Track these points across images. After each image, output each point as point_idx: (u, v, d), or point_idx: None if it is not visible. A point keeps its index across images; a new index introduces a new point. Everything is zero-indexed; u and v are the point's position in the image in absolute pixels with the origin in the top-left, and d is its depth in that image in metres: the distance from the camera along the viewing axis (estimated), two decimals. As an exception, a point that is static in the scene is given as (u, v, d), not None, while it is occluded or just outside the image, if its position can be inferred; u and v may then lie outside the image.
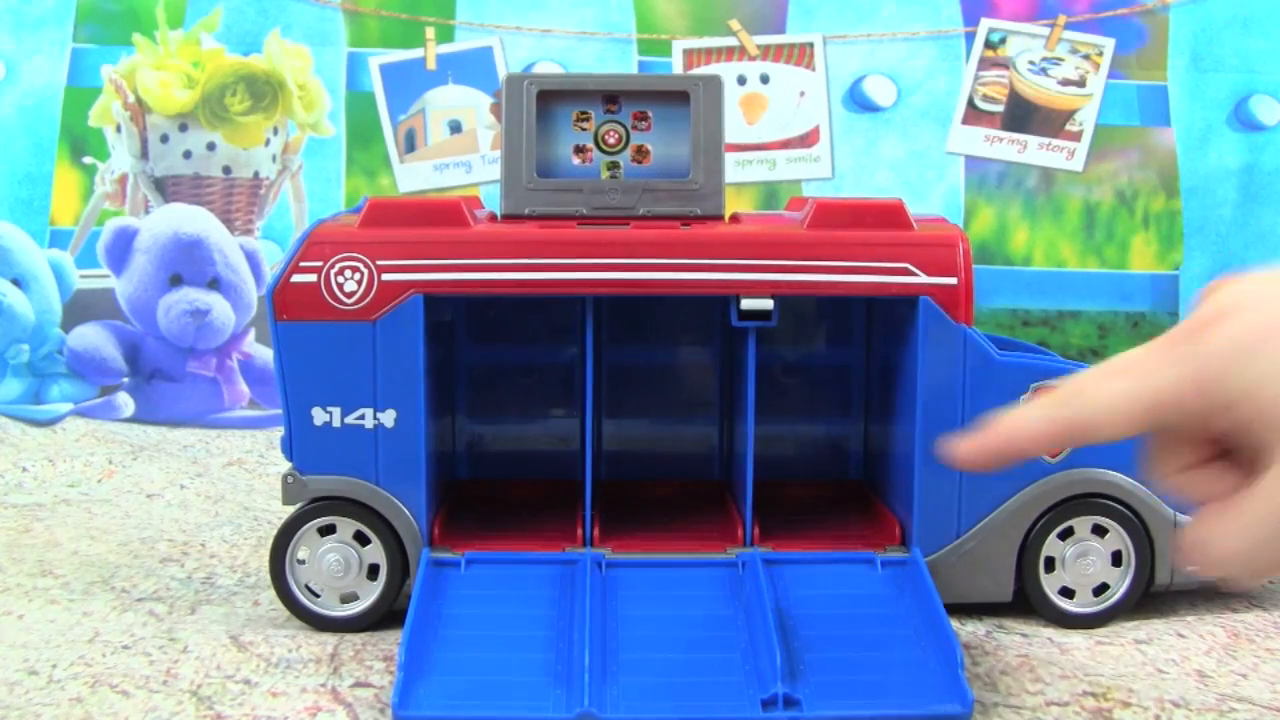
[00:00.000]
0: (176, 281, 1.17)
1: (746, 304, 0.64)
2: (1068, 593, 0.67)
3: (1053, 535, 0.67)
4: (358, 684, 0.58)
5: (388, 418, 0.64)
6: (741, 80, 1.21)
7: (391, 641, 0.63)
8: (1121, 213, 1.21)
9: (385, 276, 0.63)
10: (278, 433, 0.67)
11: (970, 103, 1.21)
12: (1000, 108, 1.21)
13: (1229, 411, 0.40)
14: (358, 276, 0.63)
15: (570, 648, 0.56)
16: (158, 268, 1.17)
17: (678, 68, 1.20)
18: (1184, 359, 0.41)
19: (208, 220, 1.18)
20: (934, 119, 1.21)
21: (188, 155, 1.20)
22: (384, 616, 0.65)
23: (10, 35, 1.19)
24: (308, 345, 0.64)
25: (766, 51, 1.21)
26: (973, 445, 0.48)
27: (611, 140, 0.69)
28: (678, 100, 0.69)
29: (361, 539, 0.65)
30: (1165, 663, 0.62)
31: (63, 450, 1.07)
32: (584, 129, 0.69)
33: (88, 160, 1.20)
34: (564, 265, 0.64)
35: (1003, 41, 1.21)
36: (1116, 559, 0.67)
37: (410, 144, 1.21)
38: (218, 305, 1.17)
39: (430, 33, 1.20)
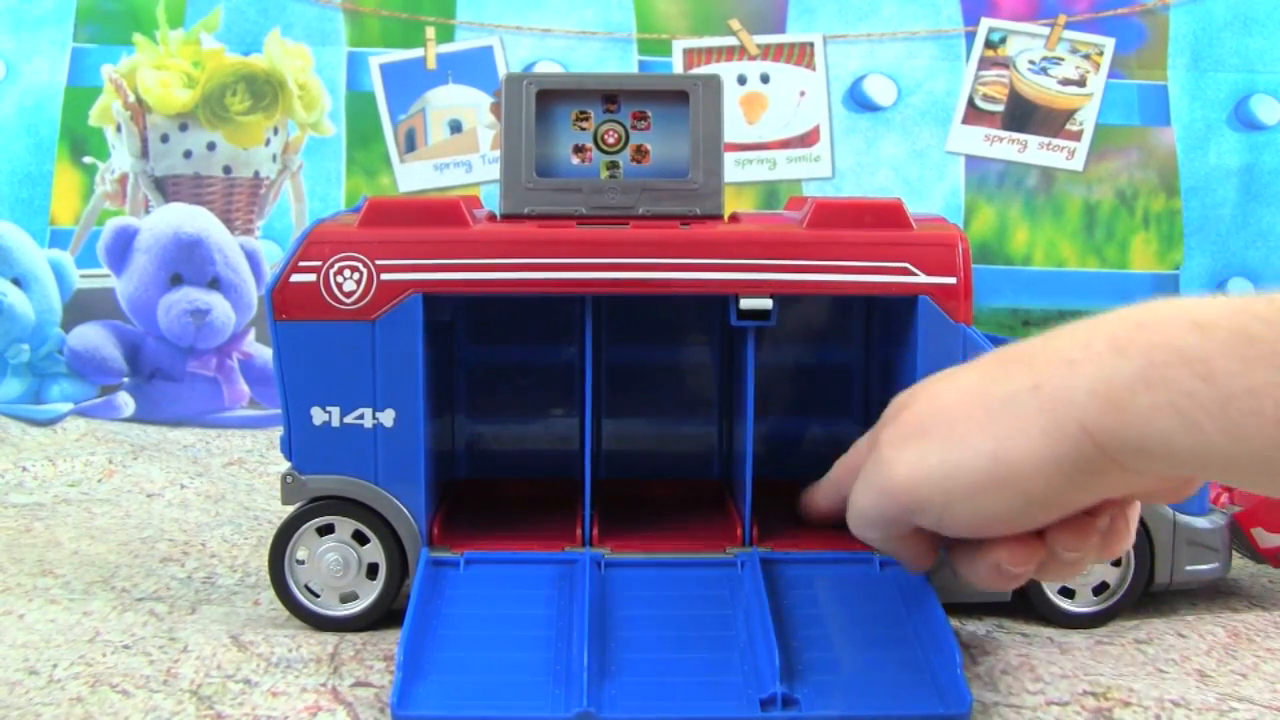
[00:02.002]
0: (177, 281, 1.18)
1: (746, 303, 0.64)
2: (1067, 592, 0.67)
3: (1052, 535, 0.66)
4: (358, 683, 0.58)
5: (387, 417, 0.64)
6: (742, 80, 1.21)
7: (391, 641, 0.63)
8: (1121, 212, 1.21)
9: (384, 276, 0.63)
10: (278, 432, 0.67)
11: (970, 102, 1.21)
12: (1000, 107, 1.21)
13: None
14: (357, 276, 0.63)
15: (569, 647, 0.56)
16: (158, 267, 1.17)
17: (678, 67, 1.20)
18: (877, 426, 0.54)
19: (208, 220, 1.18)
20: (934, 118, 1.21)
21: (188, 155, 1.20)
22: (383, 616, 0.65)
23: (10, 35, 1.19)
24: (307, 345, 0.64)
25: (766, 51, 1.21)
26: (801, 508, 0.67)
27: (611, 140, 0.69)
28: (677, 100, 0.69)
29: (360, 538, 0.65)
30: (1165, 662, 0.62)
31: (63, 450, 1.07)
32: (583, 129, 0.69)
33: (88, 160, 1.20)
34: (563, 265, 0.64)
35: (1003, 41, 1.21)
36: (1116, 558, 0.67)
37: (410, 144, 1.21)
38: (218, 305, 1.18)
39: (430, 32, 1.20)
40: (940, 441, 0.48)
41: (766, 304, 0.64)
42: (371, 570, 0.66)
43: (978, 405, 0.47)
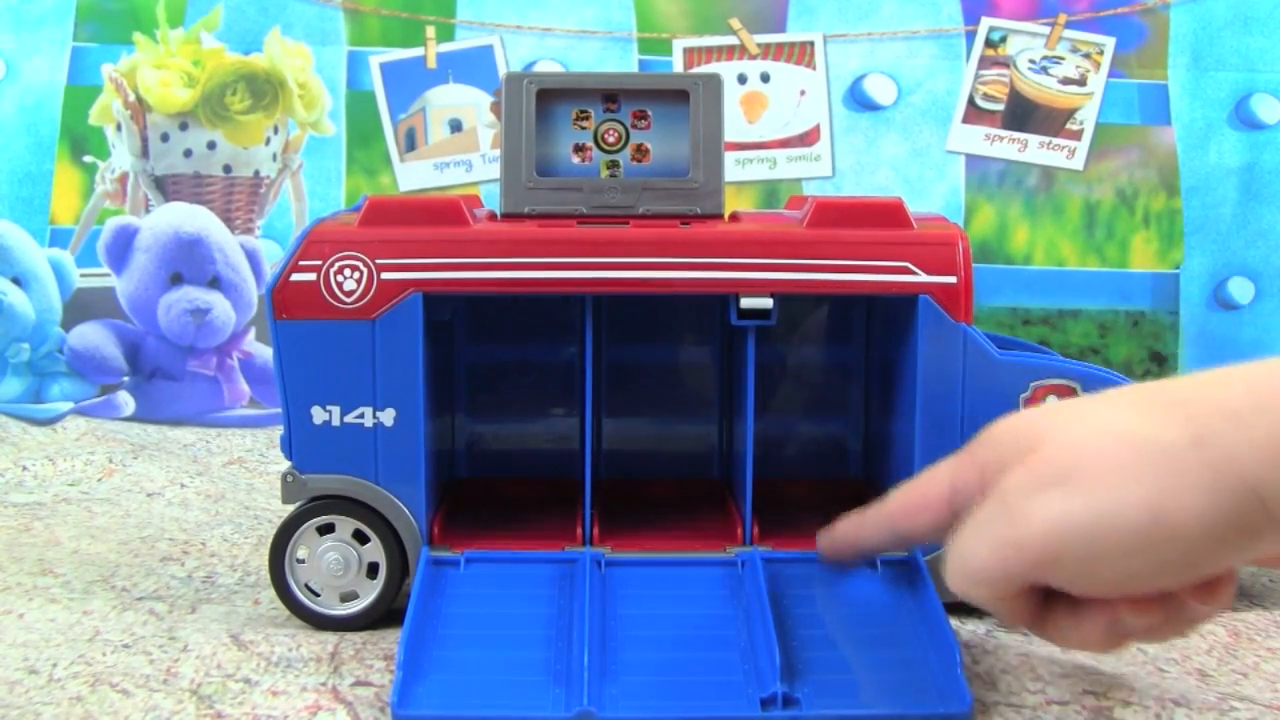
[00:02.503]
0: (177, 280, 1.18)
1: (746, 303, 0.64)
2: (1068, 592, 0.67)
3: (1053, 534, 0.66)
4: (358, 683, 0.58)
5: (387, 416, 0.64)
6: (742, 79, 1.21)
7: (392, 640, 0.63)
8: (1122, 211, 1.21)
9: (385, 275, 0.63)
10: (278, 431, 0.67)
11: (971, 101, 1.21)
12: (1001, 106, 1.21)
13: (981, 483, 0.47)
14: (357, 275, 0.63)
15: (569, 647, 0.56)
16: (158, 266, 1.17)
17: (678, 66, 1.20)
18: (960, 461, 0.50)
19: (208, 219, 1.18)
20: (934, 118, 1.21)
21: (188, 154, 1.20)
22: (384, 615, 0.65)
23: (10, 34, 1.19)
24: (307, 344, 0.64)
25: (767, 50, 1.21)
26: (826, 541, 0.59)
27: (611, 139, 0.69)
28: (677, 99, 0.69)
29: (361, 538, 0.65)
30: (1166, 661, 0.62)
31: (63, 449, 1.07)
32: (584, 128, 0.69)
33: (88, 159, 1.20)
34: (563, 264, 0.64)
35: (1003, 40, 1.21)
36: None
37: (410, 143, 1.21)
38: (218, 304, 1.18)
39: (431, 31, 1.20)
40: (1087, 492, 0.43)
41: (767, 303, 0.64)
42: (372, 569, 0.66)
43: (1132, 454, 0.42)
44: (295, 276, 0.63)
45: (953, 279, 0.64)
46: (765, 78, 1.21)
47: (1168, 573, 0.43)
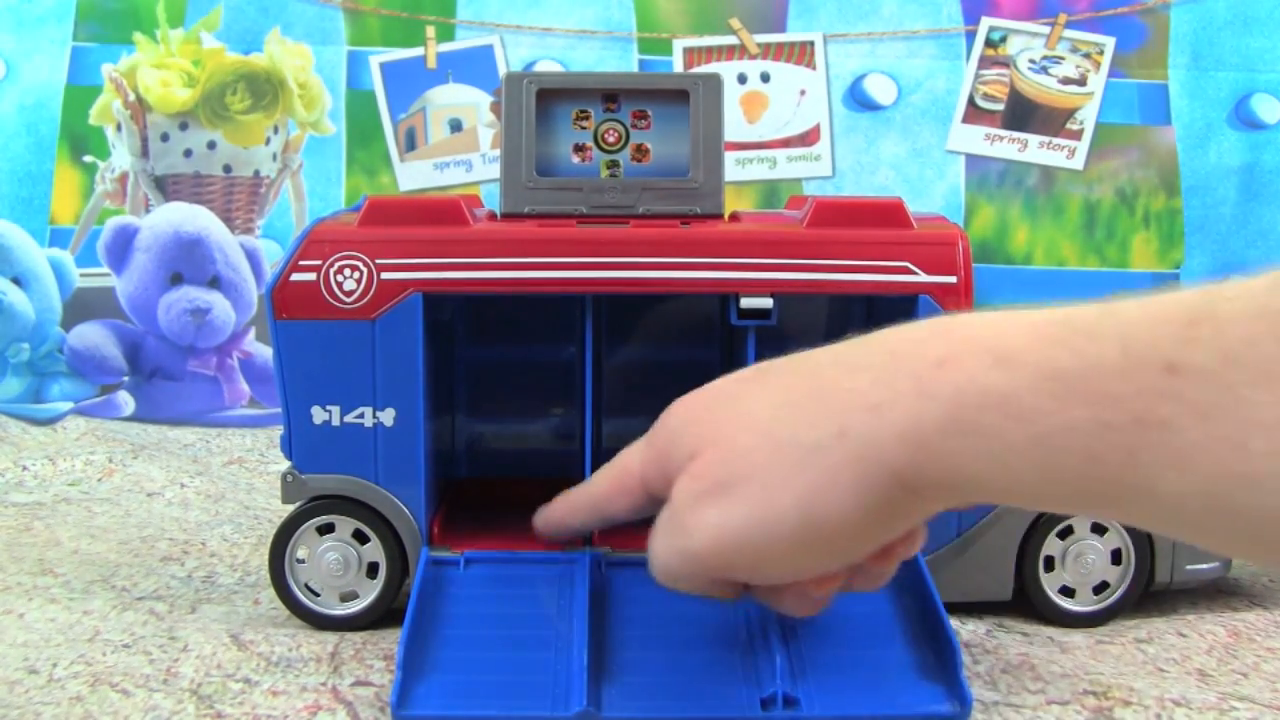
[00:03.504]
0: (177, 280, 1.18)
1: (746, 303, 0.64)
2: (1068, 592, 0.67)
3: (1052, 534, 0.67)
4: (358, 683, 0.58)
5: (387, 416, 0.64)
6: (742, 79, 1.21)
7: (392, 640, 0.63)
8: (1122, 211, 1.21)
9: (384, 275, 0.63)
10: (278, 431, 0.67)
11: (971, 101, 1.21)
12: (1001, 106, 1.21)
13: (664, 473, 0.49)
14: (357, 275, 0.63)
15: (569, 646, 0.56)
16: (158, 266, 1.17)
17: (678, 66, 1.20)
18: (645, 448, 0.52)
19: (208, 219, 1.18)
20: (934, 117, 1.21)
21: (188, 154, 1.20)
22: (384, 615, 0.65)
23: (10, 34, 1.19)
24: (307, 344, 0.64)
25: (767, 50, 1.21)
26: (539, 520, 0.61)
27: (611, 139, 0.69)
28: (677, 99, 0.69)
29: (361, 537, 0.65)
30: (1166, 661, 0.62)
31: (63, 449, 1.07)
32: (583, 128, 0.69)
33: (88, 159, 1.20)
34: (563, 264, 0.64)
35: (1003, 40, 1.21)
36: (1116, 557, 0.67)
37: (410, 142, 1.21)
38: (218, 304, 1.18)
39: (431, 31, 1.20)
40: (744, 501, 0.45)
41: (767, 303, 0.64)
42: (372, 569, 0.66)
43: (780, 455, 0.44)
44: (295, 276, 0.63)
45: (953, 279, 0.64)
46: (765, 77, 1.21)
47: (831, 560, 0.46)
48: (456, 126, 1.21)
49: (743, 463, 0.45)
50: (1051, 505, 0.42)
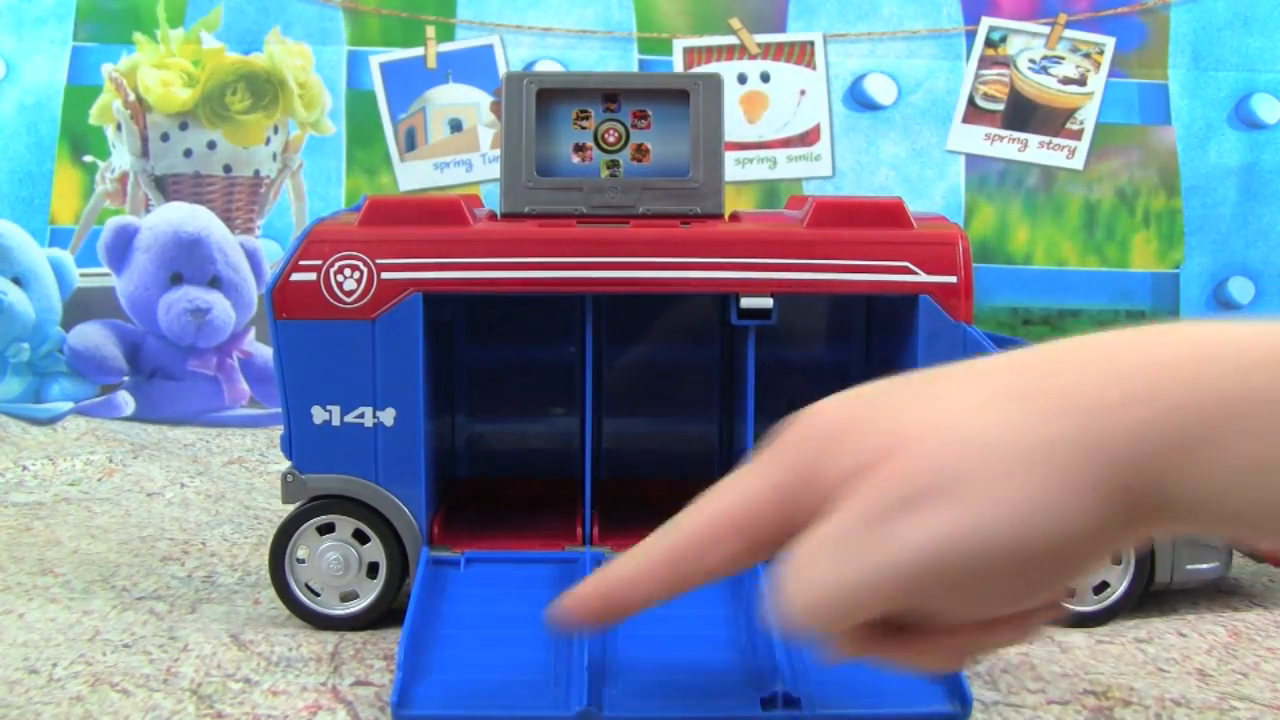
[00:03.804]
0: (177, 280, 1.18)
1: (746, 302, 0.64)
2: (1068, 591, 0.67)
3: (1053, 534, 0.66)
4: (358, 682, 0.58)
5: (387, 416, 0.64)
6: (742, 79, 1.21)
7: (392, 640, 0.63)
8: (1122, 211, 1.21)
9: (385, 275, 0.63)
10: (278, 431, 0.67)
11: (971, 101, 1.21)
12: (1001, 106, 1.21)
13: (813, 489, 0.40)
14: (357, 275, 0.63)
15: (569, 646, 0.56)
16: (158, 266, 1.17)
17: (678, 66, 1.20)
18: (776, 462, 0.41)
19: (208, 219, 1.18)
20: (934, 117, 1.21)
21: (188, 154, 1.20)
22: (384, 615, 0.65)
23: (11, 34, 1.19)
24: (307, 344, 0.64)
25: (767, 50, 1.21)
26: (575, 604, 0.46)
27: (611, 139, 0.69)
28: (677, 99, 0.69)
29: (361, 537, 0.65)
30: (1166, 661, 0.62)
31: (63, 449, 1.07)
32: (584, 127, 0.69)
33: (88, 159, 1.20)
34: (563, 264, 0.64)
35: (1003, 40, 1.21)
36: (1116, 557, 0.67)
37: (411, 142, 1.21)
38: (218, 304, 1.18)
39: (431, 31, 1.20)
40: (962, 506, 0.38)
41: (767, 303, 0.64)
42: (372, 569, 0.66)
43: (1005, 459, 0.38)
44: (295, 276, 0.63)
45: (953, 279, 0.64)
46: (765, 77, 1.21)
47: (1045, 584, 0.39)
48: (456, 126, 1.21)
49: (961, 463, 0.38)
50: None
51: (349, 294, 0.63)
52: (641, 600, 0.44)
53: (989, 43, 1.21)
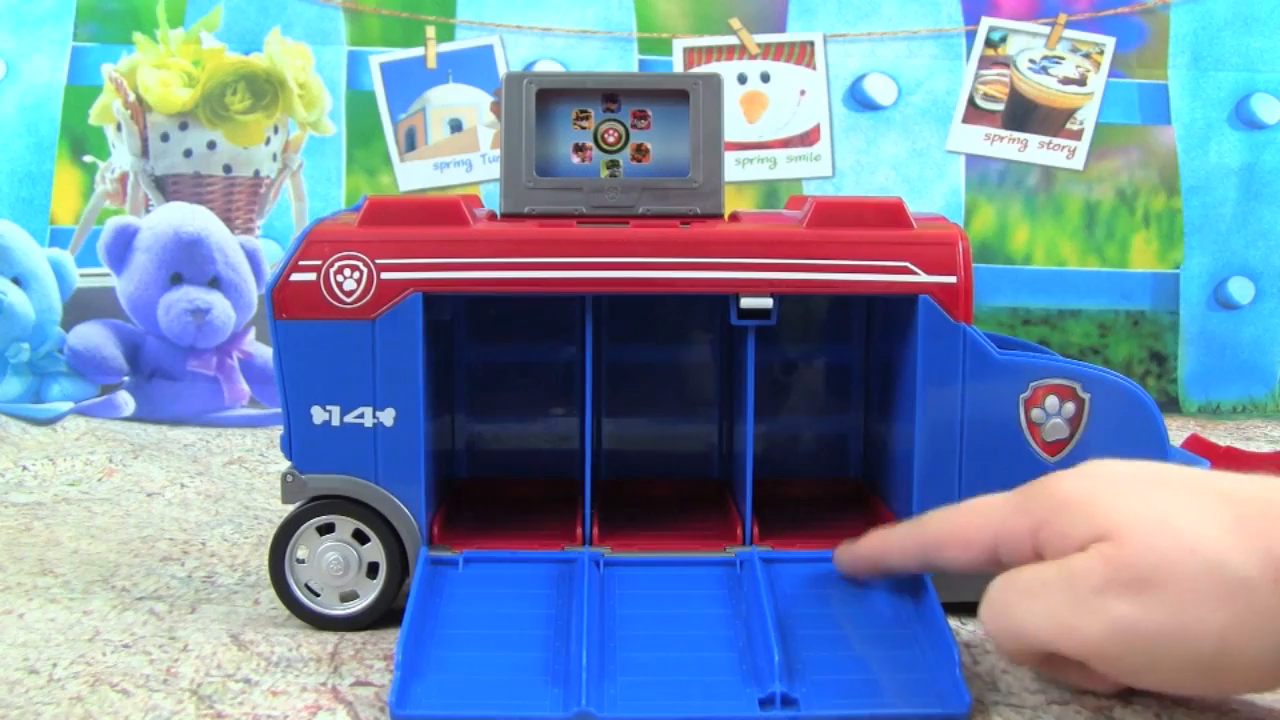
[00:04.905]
0: (177, 280, 1.18)
1: (746, 303, 0.64)
2: (1067, 592, 0.67)
3: (1052, 534, 0.66)
4: (358, 683, 0.58)
5: (387, 416, 0.64)
6: (742, 79, 1.21)
7: (392, 640, 0.63)
8: (1122, 211, 1.21)
9: (384, 275, 0.63)
10: (278, 431, 0.67)
11: (971, 101, 1.21)
12: (1001, 106, 1.21)
13: (1034, 540, 0.49)
14: (357, 275, 0.63)
15: (568, 647, 0.56)
16: (158, 266, 1.17)
17: (678, 66, 1.20)
18: (1022, 506, 0.50)
19: (208, 219, 1.18)
20: (934, 118, 1.21)
21: (188, 154, 1.20)
22: (384, 615, 0.65)
23: (10, 34, 1.19)
24: (307, 344, 0.64)
25: (767, 50, 1.21)
26: (846, 555, 0.60)
27: (611, 139, 0.69)
28: (677, 99, 0.69)
29: (361, 537, 0.65)
30: (1165, 662, 0.62)
31: (63, 449, 1.07)
32: (583, 127, 0.69)
33: (88, 159, 1.20)
34: (563, 264, 0.64)
35: (1003, 40, 1.21)
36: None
37: (411, 142, 1.21)
38: (218, 304, 1.18)
39: (431, 31, 1.20)
40: (1162, 609, 0.43)
41: (767, 303, 0.64)
42: (372, 569, 0.66)
43: (1212, 582, 0.42)
44: (295, 276, 0.63)
45: (952, 279, 0.64)
46: (765, 77, 1.21)
47: (1213, 689, 0.45)
48: (456, 126, 1.21)
49: (1172, 571, 0.43)
50: None
51: (349, 294, 0.63)
52: (895, 567, 0.57)
53: (989, 43, 1.21)
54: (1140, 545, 0.44)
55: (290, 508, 0.66)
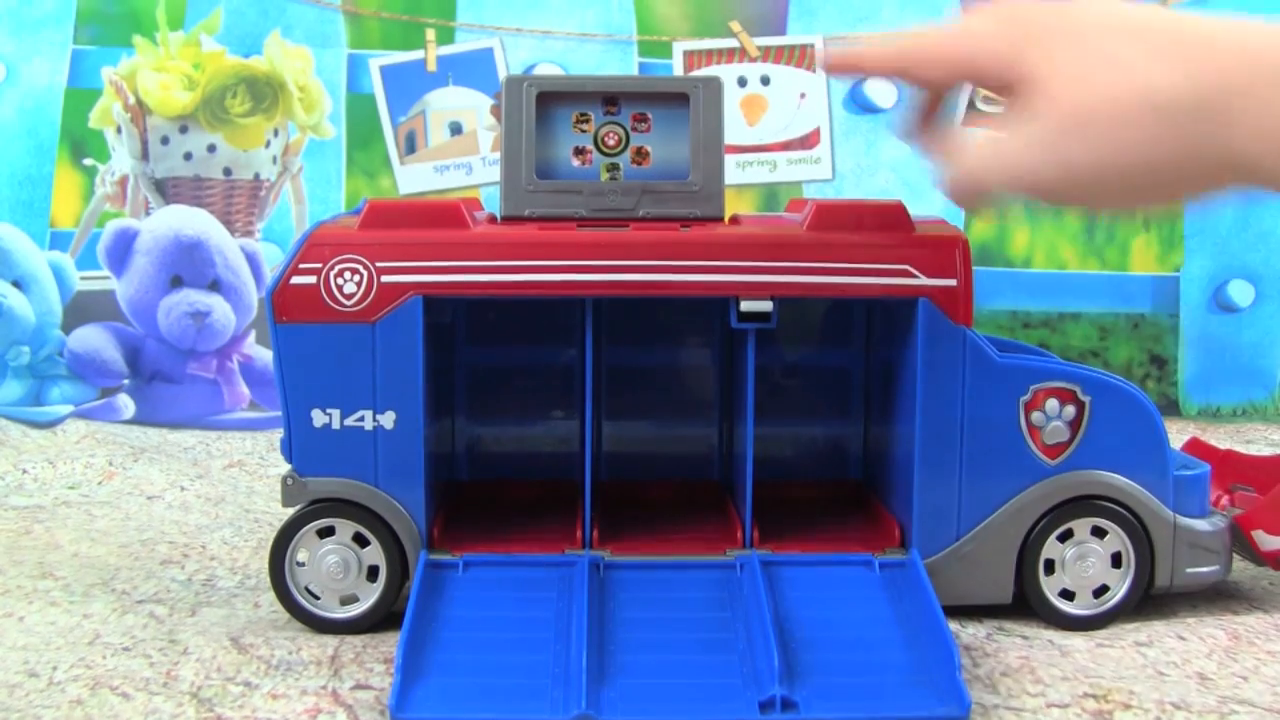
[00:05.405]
0: (177, 283, 1.18)
1: (746, 306, 0.64)
2: (1068, 595, 0.67)
3: (1052, 537, 0.67)
4: (358, 686, 0.58)
5: (387, 419, 0.64)
6: (742, 82, 1.21)
7: (392, 643, 0.63)
8: (1122, 214, 1.21)
9: (384, 278, 0.63)
10: (278, 434, 0.67)
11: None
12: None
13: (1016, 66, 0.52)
14: (357, 278, 0.63)
15: (568, 650, 0.56)
16: (158, 269, 1.17)
17: (678, 69, 1.20)
18: (994, 31, 0.53)
19: (208, 222, 1.18)
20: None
21: (188, 157, 1.20)
22: (384, 618, 0.65)
23: (11, 37, 1.19)
24: (307, 347, 0.64)
25: (767, 53, 1.21)
26: (833, 58, 0.60)
27: (611, 142, 0.69)
28: (677, 102, 0.69)
29: (361, 541, 0.65)
30: (1166, 665, 0.62)
31: (63, 452, 1.07)
32: (584, 131, 0.69)
33: (88, 162, 1.20)
34: (563, 267, 0.64)
35: (1003, 43, 1.21)
36: (1116, 560, 0.67)
37: (410, 145, 1.21)
38: (218, 307, 1.18)
39: (431, 34, 1.20)
40: (1098, 148, 0.49)
41: (767, 306, 0.64)
42: (372, 572, 0.66)
43: (1139, 108, 0.48)
44: (295, 279, 0.63)
45: (953, 282, 0.64)
46: (765, 80, 1.21)
47: (1143, 202, 0.52)
48: (456, 129, 1.21)
49: (1110, 106, 0.49)
50: None
51: (349, 297, 0.63)
52: (868, 70, 0.59)
53: (989, 46, 1.21)
54: (1083, 87, 0.50)
55: (290, 511, 0.66)
